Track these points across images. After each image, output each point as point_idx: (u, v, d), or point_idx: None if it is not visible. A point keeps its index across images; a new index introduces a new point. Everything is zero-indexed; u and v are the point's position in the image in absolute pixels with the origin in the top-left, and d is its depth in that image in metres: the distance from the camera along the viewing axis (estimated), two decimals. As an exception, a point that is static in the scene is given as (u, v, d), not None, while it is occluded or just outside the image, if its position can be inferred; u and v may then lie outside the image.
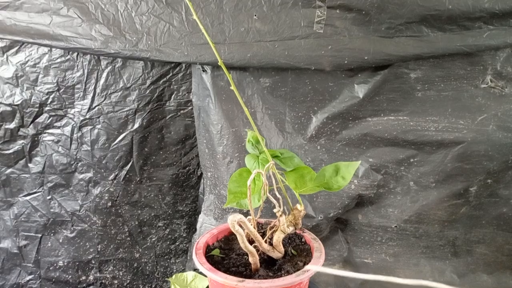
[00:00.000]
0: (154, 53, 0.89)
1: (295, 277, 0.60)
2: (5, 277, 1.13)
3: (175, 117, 1.04)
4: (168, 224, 1.15)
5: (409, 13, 0.84)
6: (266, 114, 0.98)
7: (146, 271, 1.18)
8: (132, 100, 1.00)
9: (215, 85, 0.95)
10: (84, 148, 1.03)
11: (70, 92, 0.99)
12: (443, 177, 0.97)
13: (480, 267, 1.06)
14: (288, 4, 0.86)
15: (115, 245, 1.13)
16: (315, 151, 0.99)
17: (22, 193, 1.08)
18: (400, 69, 0.91)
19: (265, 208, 0.73)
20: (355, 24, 0.86)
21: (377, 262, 1.08)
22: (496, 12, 0.82)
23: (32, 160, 1.04)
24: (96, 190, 1.07)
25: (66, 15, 0.89)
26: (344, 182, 0.67)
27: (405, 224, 1.03)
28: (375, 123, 0.95)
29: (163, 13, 0.89)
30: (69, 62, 0.96)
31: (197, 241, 0.71)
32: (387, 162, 0.98)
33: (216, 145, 1.00)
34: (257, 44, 0.88)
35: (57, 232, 1.11)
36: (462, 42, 0.85)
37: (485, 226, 1.03)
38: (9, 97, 0.98)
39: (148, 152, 1.06)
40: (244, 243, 0.62)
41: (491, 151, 0.93)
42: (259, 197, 0.66)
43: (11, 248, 1.11)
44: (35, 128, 1.01)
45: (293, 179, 0.69)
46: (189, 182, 1.13)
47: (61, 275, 1.13)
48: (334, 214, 1.02)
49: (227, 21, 0.88)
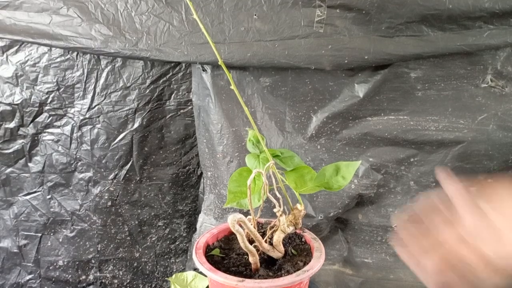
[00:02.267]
0: (154, 53, 0.89)
1: (295, 277, 0.60)
2: (5, 277, 1.13)
3: (175, 116, 1.04)
4: (168, 224, 1.15)
5: (409, 13, 0.84)
6: (266, 113, 0.98)
7: (146, 270, 1.18)
8: (132, 99, 1.00)
9: (215, 85, 0.95)
10: (84, 147, 1.03)
11: (70, 92, 0.99)
12: (443, 176, 0.97)
13: (480, 267, 1.06)
14: (288, 4, 0.86)
15: (115, 244, 1.13)
16: (315, 150, 0.99)
17: (22, 192, 1.07)
18: (400, 68, 0.91)
19: (265, 208, 0.73)
20: (355, 23, 0.86)
21: (377, 261, 1.08)
22: (497, 11, 0.82)
23: (32, 159, 1.04)
24: (96, 189, 1.07)
25: (66, 15, 0.89)
26: (344, 182, 0.67)
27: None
28: (375, 123, 0.95)
29: (163, 12, 0.89)
30: (69, 61, 0.96)
31: (197, 241, 0.71)
32: (387, 162, 0.98)
33: (216, 145, 1.00)
34: (257, 43, 0.88)
35: (57, 232, 1.11)
36: (462, 42, 0.85)
37: (485, 226, 1.03)
38: (9, 97, 0.98)
39: (148, 152, 1.06)
40: (244, 243, 0.62)
41: (491, 151, 0.93)
42: (259, 197, 0.66)
43: (11, 248, 1.11)
44: (35, 128, 1.01)
45: (293, 179, 0.69)
46: (189, 181, 1.13)
47: (61, 274, 1.13)
48: (334, 214, 1.02)
49: (227, 21, 0.88)
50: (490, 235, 0.44)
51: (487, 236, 0.45)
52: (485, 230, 0.45)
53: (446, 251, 0.46)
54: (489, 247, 0.44)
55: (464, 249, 0.45)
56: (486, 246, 0.44)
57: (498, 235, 0.44)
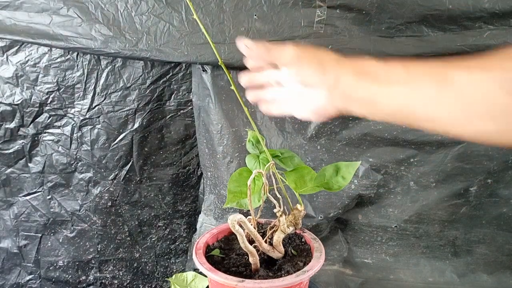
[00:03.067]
0: (154, 53, 0.89)
1: (295, 277, 0.60)
2: (5, 277, 1.13)
3: (175, 117, 1.04)
4: (168, 224, 1.15)
5: (409, 13, 0.84)
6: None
7: (146, 271, 1.18)
8: (132, 100, 1.00)
9: (215, 85, 0.95)
10: (84, 148, 1.03)
11: (70, 92, 0.99)
12: (443, 177, 0.97)
13: (480, 267, 1.06)
14: (288, 4, 0.86)
15: (115, 245, 1.13)
16: (315, 151, 0.99)
17: (22, 192, 1.07)
18: (400, 69, 0.91)
19: (265, 208, 0.73)
20: (355, 24, 0.86)
21: (377, 262, 1.08)
22: (497, 12, 0.82)
23: (32, 159, 1.04)
24: (96, 190, 1.07)
25: (66, 15, 0.89)
26: (344, 182, 0.67)
27: (405, 224, 1.03)
28: (375, 123, 0.95)
29: (163, 12, 0.89)
30: (69, 61, 0.96)
31: (197, 241, 0.71)
32: (387, 162, 0.98)
33: (216, 145, 1.00)
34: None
35: (57, 232, 1.11)
36: (462, 42, 0.85)
37: (485, 226, 1.03)
38: (9, 97, 0.98)
39: (148, 152, 1.06)
40: (244, 243, 0.62)
41: (491, 151, 0.93)
42: (259, 197, 0.66)
43: (11, 248, 1.11)
44: (35, 128, 1.01)
45: (293, 179, 0.69)
46: (189, 182, 1.13)
47: (61, 275, 1.13)
48: (334, 214, 1.02)
49: (227, 21, 0.88)
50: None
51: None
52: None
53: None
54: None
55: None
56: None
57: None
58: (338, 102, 0.53)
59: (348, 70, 0.51)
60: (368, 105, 0.50)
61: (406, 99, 0.46)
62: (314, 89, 0.54)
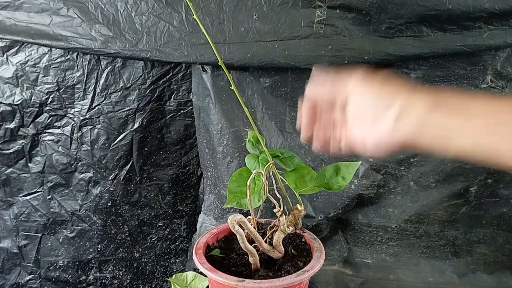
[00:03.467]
0: (154, 53, 0.89)
1: (295, 277, 0.60)
2: (5, 277, 1.13)
3: (175, 117, 1.04)
4: (168, 224, 1.15)
5: (409, 13, 0.84)
6: (266, 114, 0.98)
7: (146, 271, 1.18)
8: (132, 100, 1.00)
9: (215, 85, 0.95)
10: (84, 148, 1.03)
11: (70, 92, 0.99)
12: (443, 177, 0.97)
13: (480, 267, 1.06)
14: (288, 4, 0.86)
15: (115, 245, 1.13)
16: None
17: (22, 192, 1.08)
18: (400, 69, 0.91)
19: (265, 208, 0.73)
20: (355, 24, 0.86)
21: (377, 262, 1.08)
22: (496, 12, 0.82)
23: (32, 160, 1.04)
24: (96, 190, 1.07)
25: (66, 15, 0.89)
26: (344, 182, 0.67)
27: (405, 224, 1.03)
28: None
29: (163, 13, 0.89)
30: (69, 62, 0.96)
31: (197, 241, 0.71)
32: (387, 162, 0.98)
33: (216, 145, 1.00)
34: (257, 44, 0.88)
35: (57, 232, 1.11)
36: (462, 42, 0.85)
37: (485, 226, 1.03)
38: (9, 97, 0.98)
39: (148, 152, 1.06)
40: (244, 243, 0.62)
41: (491, 151, 0.93)
42: (259, 197, 0.67)
43: (11, 248, 1.11)
44: (35, 128, 1.01)
45: (293, 179, 0.69)
46: (189, 182, 1.13)
47: (61, 275, 1.13)
48: (334, 214, 1.02)
49: (227, 21, 0.88)
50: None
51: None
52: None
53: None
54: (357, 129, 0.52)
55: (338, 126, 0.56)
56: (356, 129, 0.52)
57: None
58: (405, 134, 0.48)
59: (420, 99, 0.46)
60: (441, 139, 0.45)
61: (488, 134, 0.42)
62: (379, 118, 0.49)
